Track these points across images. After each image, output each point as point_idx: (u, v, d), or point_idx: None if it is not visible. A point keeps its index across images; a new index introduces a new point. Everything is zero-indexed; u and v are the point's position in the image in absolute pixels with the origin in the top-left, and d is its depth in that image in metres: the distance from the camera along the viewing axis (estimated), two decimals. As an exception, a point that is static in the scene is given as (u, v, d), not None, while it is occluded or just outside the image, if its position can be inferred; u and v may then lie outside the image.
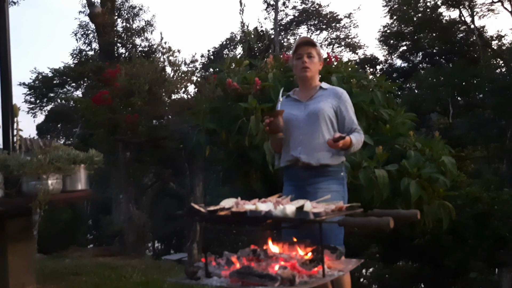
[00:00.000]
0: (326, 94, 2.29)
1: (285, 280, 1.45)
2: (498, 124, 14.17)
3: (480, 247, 7.81)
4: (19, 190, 2.43)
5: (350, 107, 2.29)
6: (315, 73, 2.31)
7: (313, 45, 2.28)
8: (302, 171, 2.22)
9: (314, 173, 2.20)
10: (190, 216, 1.79)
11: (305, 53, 2.26)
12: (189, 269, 1.68)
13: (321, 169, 2.20)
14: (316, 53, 2.28)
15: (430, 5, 16.90)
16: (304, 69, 2.26)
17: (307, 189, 2.16)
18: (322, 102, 2.24)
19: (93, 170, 2.75)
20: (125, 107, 5.19)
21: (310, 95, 2.30)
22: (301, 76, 2.31)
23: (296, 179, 2.26)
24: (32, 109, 14.18)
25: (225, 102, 4.16)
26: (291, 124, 2.26)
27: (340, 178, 2.26)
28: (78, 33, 12.91)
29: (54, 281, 3.68)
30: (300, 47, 2.28)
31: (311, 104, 2.27)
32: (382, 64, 18.61)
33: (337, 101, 2.27)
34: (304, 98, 2.31)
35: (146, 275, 3.98)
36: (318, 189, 2.15)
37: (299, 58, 2.28)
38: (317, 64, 2.31)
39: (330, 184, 2.20)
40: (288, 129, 2.26)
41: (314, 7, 18.17)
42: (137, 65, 5.16)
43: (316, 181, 2.19)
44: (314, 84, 2.33)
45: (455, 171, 3.88)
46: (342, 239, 2.13)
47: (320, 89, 2.32)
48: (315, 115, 2.22)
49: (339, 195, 2.19)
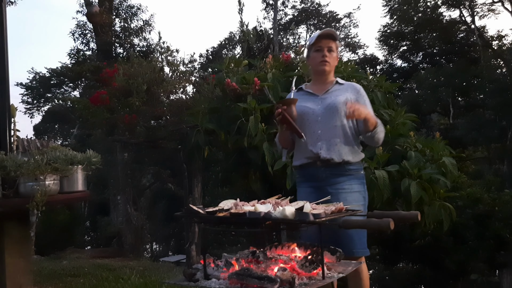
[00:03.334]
0: (343, 89, 2.18)
1: (284, 282, 1.43)
2: (498, 125, 14.17)
3: (480, 249, 7.80)
4: (16, 191, 2.41)
5: (368, 102, 2.20)
6: (333, 68, 2.22)
7: (334, 39, 2.17)
8: (322, 170, 2.08)
9: (334, 172, 2.07)
10: (189, 217, 1.77)
11: (326, 46, 2.14)
12: (188, 271, 1.66)
13: (342, 166, 2.07)
14: (336, 48, 2.18)
15: (431, 5, 16.94)
16: (323, 62, 2.15)
17: (328, 190, 2.02)
18: (341, 96, 2.13)
19: (91, 171, 2.72)
20: (123, 108, 5.17)
21: (326, 89, 2.19)
22: (318, 70, 2.19)
23: (315, 180, 2.11)
24: (29, 110, 14.19)
25: (224, 103, 4.14)
26: (307, 118, 2.13)
27: (361, 177, 2.15)
28: (76, 32, 12.89)
29: (52, 283, 3.66)
30: (322, 39, 2.15)
31: (328, 98, 2.15)
32: (382, 64, 18.64)
33: (356, 96, 2.16)
34: (319, 92, 2.19)
35: (144, 277, 3.95)
36: (341, 190, 2.03)
37: (318, 50, 2.15)
38: (336, 59, 2.21)
39: (352, 184, 2.08)
40: (303, 123, 2.12)
41: (313, 7, 18.19)
42: (135, 65, 5.14)
43: (338, 181, 2.06)
44: (330, 79, 2.23)
45: (456, 172, 3.85)
46: (365, 242, 2.06)
47: (336, 83, 2.22)
48: (334, 108, 2.10)
49: (361, 195, 2.10)
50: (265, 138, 3.52)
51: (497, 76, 15.15)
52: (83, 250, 7.90)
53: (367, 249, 2.05)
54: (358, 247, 1.96)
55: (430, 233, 7.31)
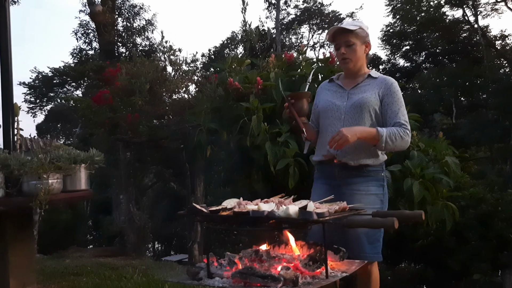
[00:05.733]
0: (374, 84, 2.04)
1: (288, 281, 1.43)
2: (501, 125, 14.14)
3: (483, 249, 7.77)
4: (20, 190, 2.41)
5: (398, 99, 2.00)
6: (359, 61, 2.05)
7: (349, 31, 2.01)
8: (338, 169, 2.00)
9: (352, 172, 1.98)
10: (192, 216, 1.77)
11: (342, 42, 2.02)
12: (191, 270, 1.66)
13: (360, 169, 1.98)
14: (357, 38, 2.01)
15: (433, 5, 16.89)
16: (344, 60, 2.04)
17: (344, 190, 1.96)
18: (368, 93, 2.01)
19: (93, 170, 2.72)
20: (126, 107, 5.18)
21: (356, 83, 2.06)
22: (343, 68, 2.11)
23: (331, 178, 2.03)
24: (32, 109, 14.24)
25: (226, 102, 4.13)
26: (331, 115, 2.03)
27: (380, 179, 2.03)
28: (79, 32, 12.95)
29: (55, 281, 3.67)
30: (337, 36, 2.04)
31: (355, 94, 2.03)
32: (384, 63, 18.60)
33: (384, 92, 2.00)
34: (348, 86, 2.08)
35: (146, 276, 3.96)
36: (356, 191, 1.95)
37: (337, 48, 2.04)
38: (360, 49, 2.03)
39: (369, 185, 1.98)
40: (326, 118, 2.05)
41: (316, 6, 18.17)
42: (138, 65, 5.15)
43: (354, 181, 1.98)
44: (361, 72, 2.08)
45: (459, 172, 3.83)
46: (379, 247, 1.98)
47: (368, 77, 2.07)
48: (359, 106, 1.98)
49: (378, 198, 1.99)
50: (268, 137, 3.51)
51: (500, 76, 15.10)
52: (86, 249, 7.94)
53: (378, 255, 1.97)
54: (368, 251, 1.88)
55: (433, 233, 7.28)
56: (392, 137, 1.92)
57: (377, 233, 1.97)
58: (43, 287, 3.38)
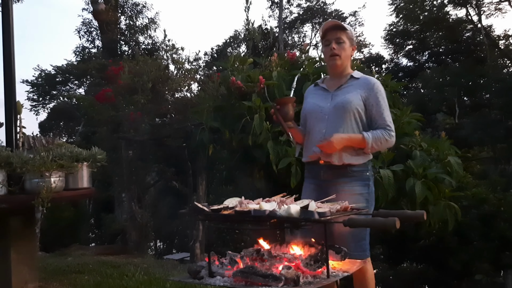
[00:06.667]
0: (356, 84, 2.07)
1: (289, 280, 1.43)
2: (505, 125, 14.08)
3: (485, 249, 7.75)
4: (22, 188, 2.42)
5: (381, 100, 2.04)
6: (346, 60, 2.09)
7: (342, 28, 2.05)
8: (324, 170, 2.04)
9: (336, 172, 2.02)
10: (194, 215, 1.77)
11: (333, 38, 2.04)
12: (193, 269, 1.66)
13: (344, 168, 2.02)
14: (347, 38, 2.06)
15: (437, 4, 16.82)
16: (333, 56, 2.06)
17: (329, 190, 1.99)
18: (351, 94, 2.04)
19: (95, 168, 2.73)
20: (128, 105, 5.18)
21: (339, 85, 2.10)
22: (330, 64, 2.12)
23: (318, 178, 2.09)
24: (35, 107, 14.24)
25: (229, 101, 4.13)
26: (315, 116, 2.09)
27: (365, 178, 2.06)
28: (81, 30, 12.96)
29: (57, 279, 3.67)
30: (328, 32, 2.06)
31: (338, 95, 2.07)
32: (387, 63, 18.56)
33: (367, 93, 2.03)
34: (332, 88, 2.12)
35: (148, 274, 3.96)
36: (341, 191, 1.98)
37: (327, 44, 2.07)
38: (348, 49, 2.08)
39: (354, 185, 2.02)
40: (311, 121, 2.10)
41: (319, 5, 18.14)
42: (140, 63, 5.15)
43: (339, 181, 2.02)
44: (345, 72, 2.12)
45: (461, 172, 3.82)
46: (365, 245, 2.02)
47: (351, 78, 2.10)
48: (342, 108, 2.02)
49: (363, 197, 2.02)
50: (270, 136, 3.51)
51: (503, 76, 15.03)
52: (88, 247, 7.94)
53: (365, 252, 2.00)
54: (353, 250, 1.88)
55: (435, 233, 7.26)
56: (378, 142, 2.00)
57: (363, 231, 2.00)
58: (45, 285, 3.38)
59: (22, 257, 2.77)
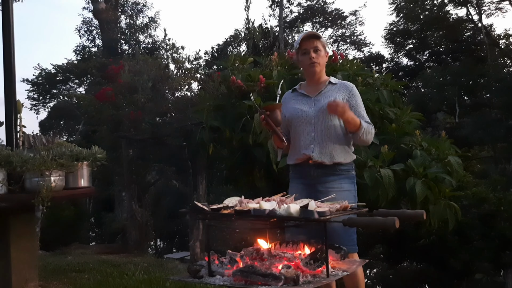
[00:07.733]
0: (336, 89, 2.22)
1: (288, 280, 1.43)
2: (505, 124, 14.07)
3: (486, 248, 7.75)
4: (22, 187, 2.42)
5: (360, 102, 2.23)
6: (323, 67, 2.26)
7: (318, 37, 2.21)
8: (314, 169, 2.15)
9: (326, 171, 2.14)
10: (194, 214, 1.77)
11: (311, 47, 2.19)
12: (192, 268, 1.66)
13: (333, 167, 2.14)
14: (322, 46, 2.22)
15: (437, 3, 16.79)
16: (313, 64, 2.20)
17: (319, 188, 2.11)
18: (332, 98, 2.16)
19: (96, 167, 2.73)
20: (128, 104, 5.18)
21: (319, 90, 2.23)
22: (310, 72, 2.24)
23: (307, 177, 2.18)
24: (35, 106, 14.24)
25: (229, 100, 4.13)
26: (301, 120, 2.19)
27: (352, 176, 2.21)
28: (82, 29, 12.96)
29: (57, 278, 3.68)
30: (305, 41, 2.20)
31: (321, 99, 2.19)
32: (388, 62, 18.52)
33: (348, 96, 2.20)
34: (312, 93, 2.24)
35: (148, 273, 3.97)
36: (331, 188, 2.09)
37: (305, 53, 2.21)
38: (324, 57, 2.25)
39: (342, 183, 2.14)
40: (297, 125, 2.20)
41: (319, 4, 18.10)
42: (141, 62, 5.15)
43: (328, 180, 2.13)
44: (322, 79, 2.27)
45: (462, 171, 3.82)
46: (355, 239, 2.10)
47: (329, 84, 2.25)
48: (327, 111, 2.13)
49: (351, 194, 2.14)
50: (270, 135, 3.51)
51: (504, 75, 15.01)
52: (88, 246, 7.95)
53: (355, 246, 2.10)
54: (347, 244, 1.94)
55: (435, 232, 7.27)
56: (367, 131, 2.17)
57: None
58: (45, 284, 3.39)
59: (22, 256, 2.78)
